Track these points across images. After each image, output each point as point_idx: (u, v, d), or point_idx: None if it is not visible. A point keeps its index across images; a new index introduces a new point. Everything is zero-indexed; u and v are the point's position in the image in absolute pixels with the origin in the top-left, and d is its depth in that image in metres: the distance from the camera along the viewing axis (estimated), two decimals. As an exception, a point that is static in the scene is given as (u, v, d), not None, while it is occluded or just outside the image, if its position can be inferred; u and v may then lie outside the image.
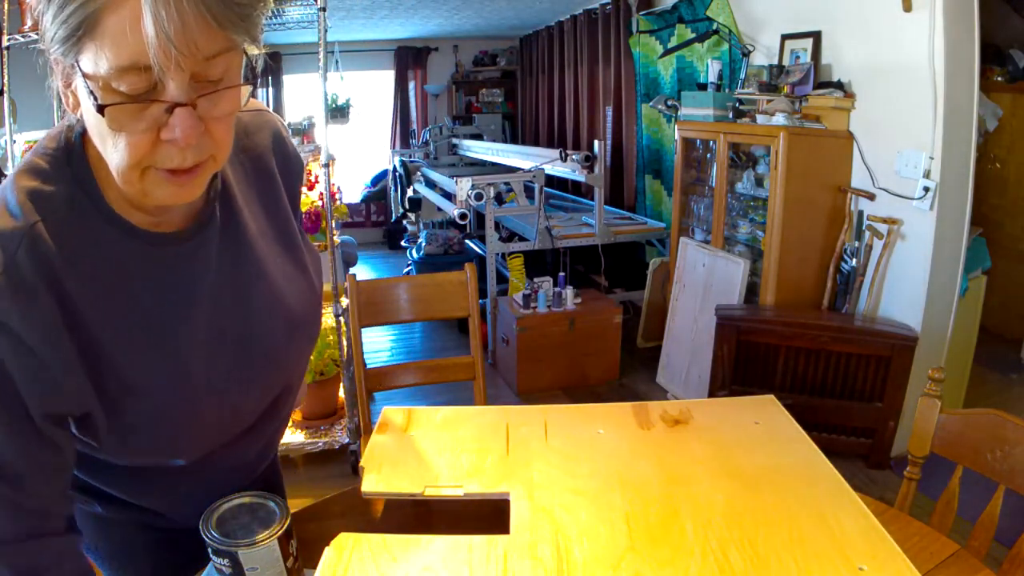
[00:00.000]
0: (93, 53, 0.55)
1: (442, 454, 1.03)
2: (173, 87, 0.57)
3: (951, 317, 2.55)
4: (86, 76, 0.56)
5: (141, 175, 0.62)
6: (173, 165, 0.61)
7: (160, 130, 0.59)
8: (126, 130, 0.58)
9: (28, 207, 0.63)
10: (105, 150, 0.61)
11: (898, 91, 2.44)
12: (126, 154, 0.60)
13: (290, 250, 0.87)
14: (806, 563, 0.78)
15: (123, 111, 0.57)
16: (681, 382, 3.21)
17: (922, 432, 1.28)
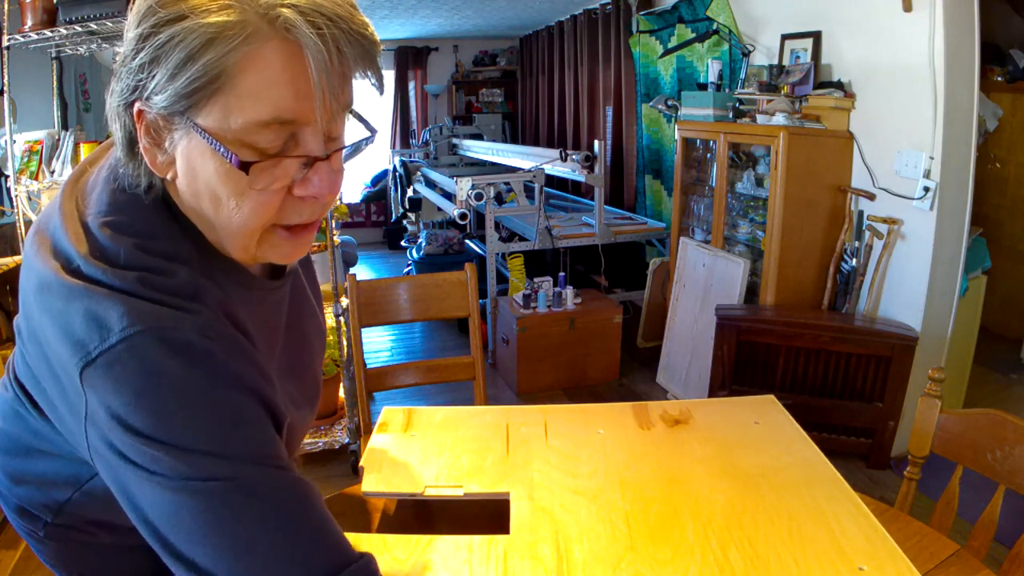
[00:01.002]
0: (222, 108, 0.51)
1: (442, 454, 1.03)
2: (311, 141, 0.54)
3: (951, 317, 2.55)
4: (208, 132, 0.52)
5: (259, 238, 0.59)
6: (301, 220, 0.59)
7: (292, 187, 0.56)
8: (263, 190, 0.54)
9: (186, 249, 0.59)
10: (224, 217, 0.56)
11: (898, 91, 2.44)
12: (255, 214, 0.56)
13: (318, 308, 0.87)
14: (806, 563, 0.78)
15: (263, 169, 0.53)
16: (681, 382, 3.21)
17: (922, 432, 1.28)
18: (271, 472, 0.56)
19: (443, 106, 7.13)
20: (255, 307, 0.66)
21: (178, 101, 0.52)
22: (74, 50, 2.62)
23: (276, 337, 0.72)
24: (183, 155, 0.55)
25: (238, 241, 0.59)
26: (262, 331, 0.67)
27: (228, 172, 0.53)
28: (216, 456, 0.53)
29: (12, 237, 2.73)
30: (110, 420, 0.52)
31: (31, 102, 2.82)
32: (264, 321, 0.68)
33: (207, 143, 0.52)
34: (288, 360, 0.75)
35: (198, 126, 0.52)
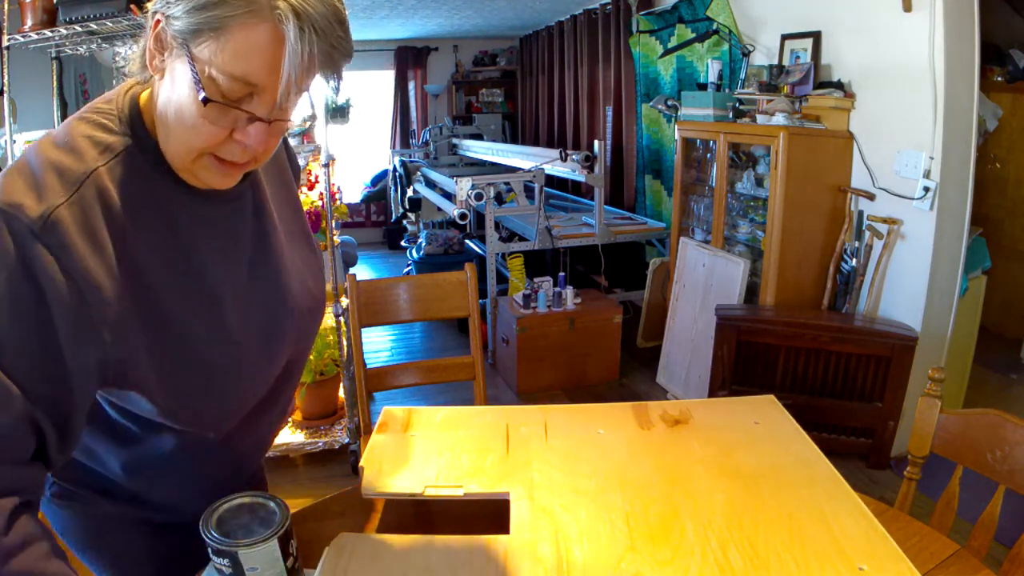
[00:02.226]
0: (211, 50, 0.63)
1: (442, 454, 1.03)
2: (261, 106, 0.66)
3: (951, 317, 2.55)
4: (194, 60, 0.64)
5: (197, 157, 0.70)
6: (231, 158, 0.70)
7: (233, 130, 0.68)
8: (211, 120, 0.66)
9: (91, 152, 0.68)
10: (179, 127, 0.68)
11: (898, 91, 2.44)
12: (200, 140, 0.67)
13: (305, 236, 0.95)
14: (806, 563, 0.78)
15: (218, 108, 0.65)
16: (681, 382, 3.21)
17: (922, 432, 1.28)
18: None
19: (443, 106, 7.13)
20: (196, 218, 0.76)
21: (185, 30, 0.63)
22: (74, 50, 2.62)
23: (226, 255, 0.79)
24: (171, 69, 0.67)
25: (181, 153, 0.70)
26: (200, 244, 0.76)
27: (194, 99, 0.64)
28: None
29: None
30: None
31: (31, 102, 2.82)
32: (206, 234, 0.77)
33: (190, 70, 0.64)
34: (252, 287, 0.82)
35: (191, 54, 0.64)
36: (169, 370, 0.73)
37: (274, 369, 0.87)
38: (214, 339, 0.77)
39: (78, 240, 0.64)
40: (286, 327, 0.86)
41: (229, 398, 0.80)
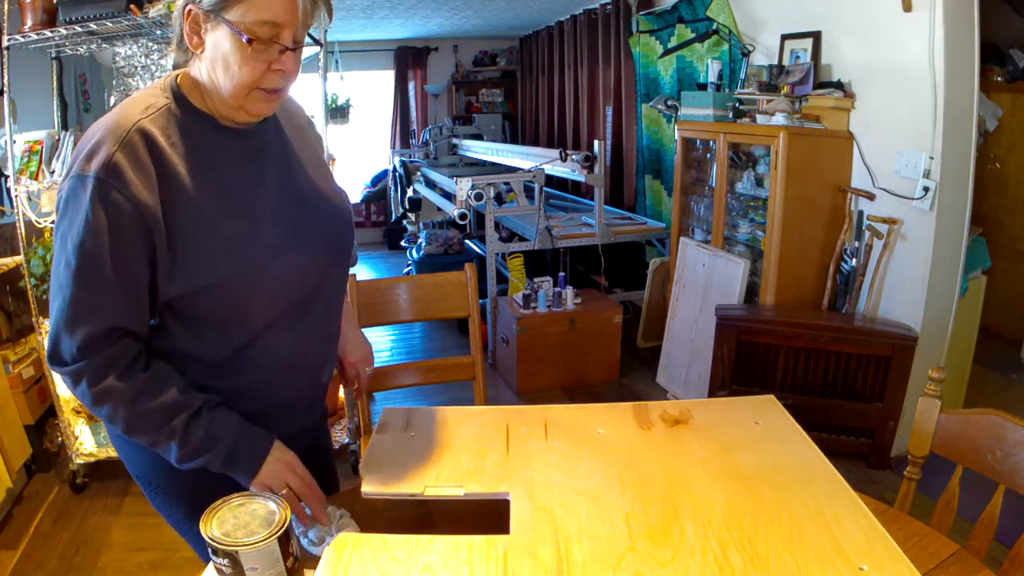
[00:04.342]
0: (241, 11, 0.88)
1: (442, 454, 1.03)
2: (288, 38, 0.91)
3: (951, 317, 2.55)
4: (231, 23, 0.88)
5: (248, 93, 0.93)
6: (272, 86, 0.94)
7: (271, 64, 0.91)
8: (255, 59, 0.90)
9: (136, 111, 0.92)
10: (228, 75, 0.91)
11: (898, 91, 2.44)
12: (249, 76, 0.91)
13: (327, 176, 1.14)
14: (806, 563, 0.78)
15: (259, 47, 0.89)
16: (681, 382, 3.21)
17: (922, 432, 1.28)
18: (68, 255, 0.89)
19: (443, 106, 7.13)
20: (227, 149, 0.98)
21: (216, 5, 0.88)
22: (74, 50, 2.62)
23: (254, 177, 1.01)
24: (211, 38, 0.91)
25: (234, 93, 0.93)
26: (233, 159, 0.99)
27: (240, 47, 0.89)
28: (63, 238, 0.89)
29: (12, 237, 2.73)
30: None
31: (31, 102, 2.82)
32: (241, 154, 1.00)
33: (230, 29, 0.88)
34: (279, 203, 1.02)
35: (226, 19, 0.88)
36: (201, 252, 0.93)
37: (302, 265, 1.02)
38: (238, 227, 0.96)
39: (130, 172, 0.88)
40: (308, 226, 1.04)
41: (254, 273, 0.96)
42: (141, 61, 2.64)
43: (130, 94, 2.64)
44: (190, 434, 0.92)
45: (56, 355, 0.91)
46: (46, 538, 2.30)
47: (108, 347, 0.91)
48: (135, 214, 0.88)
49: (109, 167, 0.86)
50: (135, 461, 1.10)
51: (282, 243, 1.00)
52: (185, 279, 0.93)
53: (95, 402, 0.91)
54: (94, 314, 0.89)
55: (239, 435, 0.95)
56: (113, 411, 0.92)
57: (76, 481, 2.56)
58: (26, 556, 2.20)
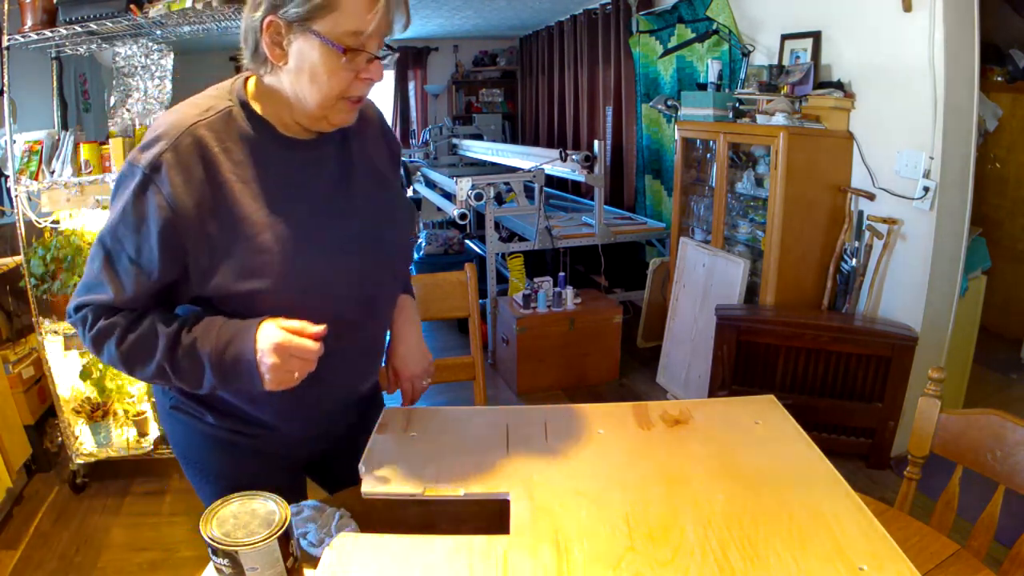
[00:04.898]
0: (330, 21, 0.88)
1: (442, 454, 1.03)
2: (376, 47, 0.93)
3: (951, 317, 2.55)
4: (319, 35, 0.89)
5: (334, 103, 0.94)
6: (360, 94, 0.96)
7: (359, 73, 0.93)
8: (345, 69, 0.91)
9: (192, 113, 0.95)
10: (315, 86, 0.92)
11: (898, 91, 2.44)
12: (338, 86, 0.93)
13: (389, 191, 1.14)
14: (806, 563, 0.78)
15: (350, 56, 0.91)
16: (681, 382, 3.21)
17: (922, 432, 1.28)
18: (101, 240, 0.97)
19: (443, 106, 7.13)
20: (281, 158, 0.99)
21: (303, 16, 0.88)
22: (74, 50, 2.62)
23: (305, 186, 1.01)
24: (295, 49, 0.91)
25: (320, 103, 0.94)
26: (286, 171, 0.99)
27: (330, 57, 0.90)
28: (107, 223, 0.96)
29: (12, 237, 2.73)
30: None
31: (31, 102, 2.82)
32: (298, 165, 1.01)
33: (320, 40, 0.89)
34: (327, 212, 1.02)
35: (314, 31, 0.89)
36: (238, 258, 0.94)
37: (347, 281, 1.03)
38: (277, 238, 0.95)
39: (173, 174, 0.91)
40: (356, 242, 1.04)
41: (292, 285, 0.97)
42: (141, 61, 2.64)
43: (130, 94, 2.65)
44: (177, 364, 0.95)
45: (68, 309, 1.00)
46: (46, 538, 2.30)
47: (105, 315, 0.97)
48: (168, 215, 0.91)
49: (155, 165, 0.91)
50: (175, 437, 1.16)
51: (328, 259, 1.00)
52: (220, 283, 0.94)
53: (94, 346, 0.98)
54: (103, 290, 0.96)
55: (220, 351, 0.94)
56: (108, 354, 0.97)
57: (76, 481, 2.56)
58: (26, 556, 2.20)
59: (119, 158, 2.39)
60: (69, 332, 2.42)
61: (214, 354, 0.94)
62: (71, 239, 2.44)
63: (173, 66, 2.66)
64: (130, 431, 2.66)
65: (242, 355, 0.92)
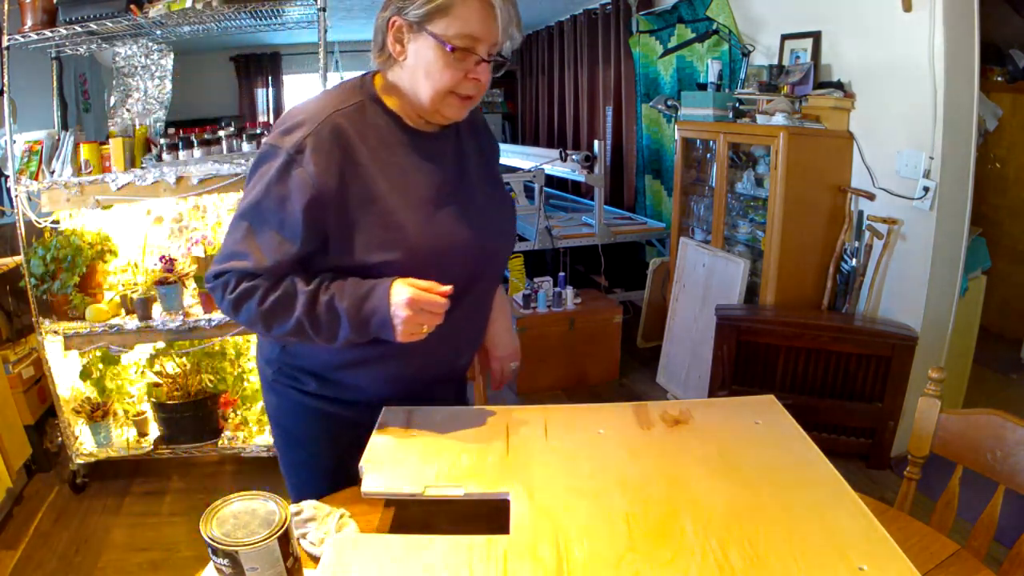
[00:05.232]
0: (444, 23, 1.01)
1: (442, 454, 1.03)
2: (484, 51, 1.04)
3: (951, 317, 2.55)
4: (434, 35, 1.01)
5: (444, 97, 1.06)
6: (466, 93, 1.07)
7: (468, 73, 1.04)
8: (454, 67, 1.03)
9: (332, 104, 1.07)
10: (428, 80, 1.04)
11: (898, 91, 2.44)
12: (447, 81, 1.04)
13: (496, 184, 1.28)
14: (806, 563, 0.78)
15: (459, 55, 1.02)
16: (681, 382, 3.21)
17: (922, 432, 1.28)
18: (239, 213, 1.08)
19: (443, 106, 7.12)
20: (409, 146, 1.11)
21: (422, 17, 1.01)
22: (74, 50, 2.62)
23: (440, 171, 1.13)
24: (413, 47, 1.04)
25: (434, 97, 1.06)
26: (413, 157, 1.11)
27: (442, 55, 1.02)
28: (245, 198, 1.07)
29: (12, 237, 2.73)
30: None
31: (31, 102, 2.82)
32: (422, 153, 1.12)
33: (434, 40, 1.01)
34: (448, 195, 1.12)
35: (429, 31, 1.01)
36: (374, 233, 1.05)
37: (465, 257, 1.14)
38: (408, 215, 1.07)
39: (313, 155, 1.02)
40: (474, 224, 1.14)
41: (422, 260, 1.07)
42: (141, 61, 2.64)
43: (130, 94, 2.65)
44: (316, 319, 1.04)
45: (207, 275, 1.09)
46: (46, 538, 2.30)
47: (246, 279, 1.06)
48: (312, 192, 1.02)
49: (299, 147, 1.02)
50: (274, 408, 1.26)
51: (449, 236, 1.11)
52: (358, 255, 1.06)
53: (233, 308, 1.07)
54: (245, 258, 1.05)
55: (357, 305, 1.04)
56: (248, 314, 1.06)
57: (76, 481, 2.56)
58: (26, 556, 2.20)
59: (119, 158, 2.40)
60: (69, 332, 2.42)
61: (351, 308, 1.03)
62: (71, 239, 2.44)
63: (173, 66, 2.66)
64: (130, 431, 2.66)
65: (378, 309, 1.03)
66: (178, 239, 2.73)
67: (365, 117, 1.08)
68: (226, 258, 1.07)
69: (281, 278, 1.06)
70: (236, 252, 1.06)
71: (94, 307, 2.42)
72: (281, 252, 1.05)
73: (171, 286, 2.46)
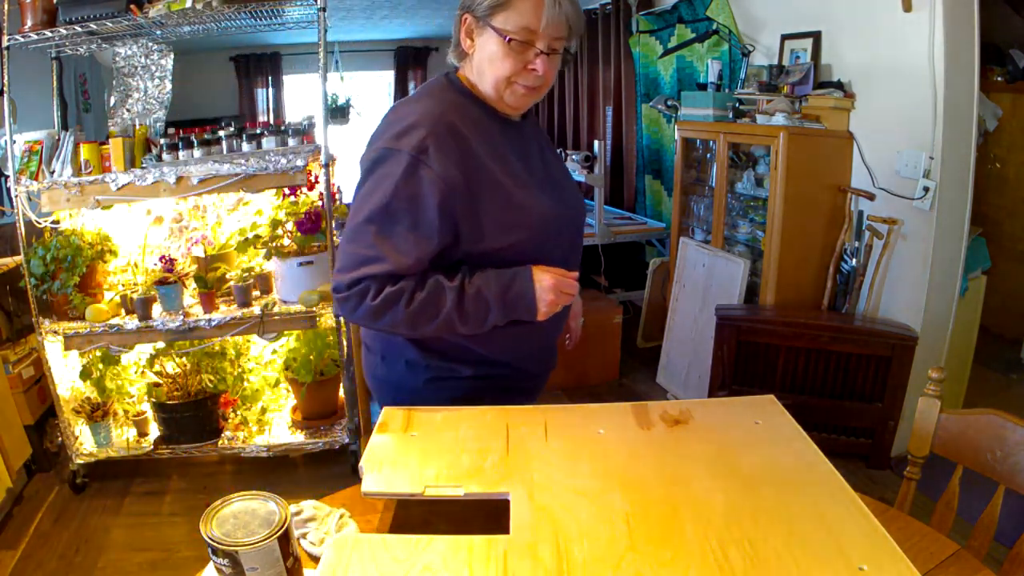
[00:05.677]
0: (503, 17, 1.11)
1: (442, 454, 1.03)
2: (542, 44, 1.13)
3: (951, 317, 2.55)
4: (495, 28, 1.12)
5: (507, 85, 1.16)
6: (528, 83, 1.17)
7: (527, 64, 1.14)
8: (512, 57, 1.13)
9: (440, 106, 1.15)
10: (492, 68, 1.15)
11: (898, 91, 2.44)
12: (507, 70, 1.14)
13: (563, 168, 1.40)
14: (806, 563, 0.78)
15: (518, 45, 1.12)
16: (681, 382, 3.21)
17: (922, 432, 1.28)
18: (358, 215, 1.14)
19: (443, 106, 7.12)
20: (503, 133, 1.21)
21: (486, 12, 1.12)
22: (74, 50, 2.62)
23: (529, 155, 1.25)
24: (480, 40, 1.16)
25: (496, 84, 1.16)
26: (510, 143, 1.21)
27: (502, 46, 1.13)
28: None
29: (12, 237, 2.73)
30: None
31: (31, 102, 2.82)
32: (514, 139, 1.23)
33: (495, 32, 1.12)
34: (541, 177, 1.25)
35: (492, 25, 1.12)
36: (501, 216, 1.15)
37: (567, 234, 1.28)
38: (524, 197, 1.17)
39: (437, 154, 1.09)
40: (565, 205, 1.27)
41: (539, 238, 1.19)
42: (141, 61, 2.64)
43: (130, 94, 2.65)
44: (464, 311, 1.13)
45: (339, 285, 1.12)
46: (46, 538, 2.30)
47: (389, 282, 1.10)
48: (442, 186, 1.08)
49: (421, 147, 1.08)
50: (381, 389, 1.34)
51: (555, 213, 1.22)
52: (488, 240, 1.15)
53: (375, 314, 1.11)
54: (381, 261, 1.09)
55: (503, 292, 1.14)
56: (393, 317, 1.11)
57: (76, 481, 2.56)
58: (26, 556, 2.20)
59: (119, 158, 2.40)
60: (69, 332, 2.42)
61: (498, 296, 1.14)
62: (71, 239, 2.44)
63: (173, 66, 2.66)
64: (130, 431, 2.66)
65: (524, 293, 1.15)
66: (178, 239, 2.73)
67: (467, 112, 1.16)
68: (356, 264, 1.10)
69: (423, 276, 1.12)
70: (368, 257, 1.09)
71: (94, 307, 2.42)
72: (420, 250, 1.10)
73: (171, 286, 2.46)
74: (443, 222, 1.10)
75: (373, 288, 1.09)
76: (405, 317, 1.10)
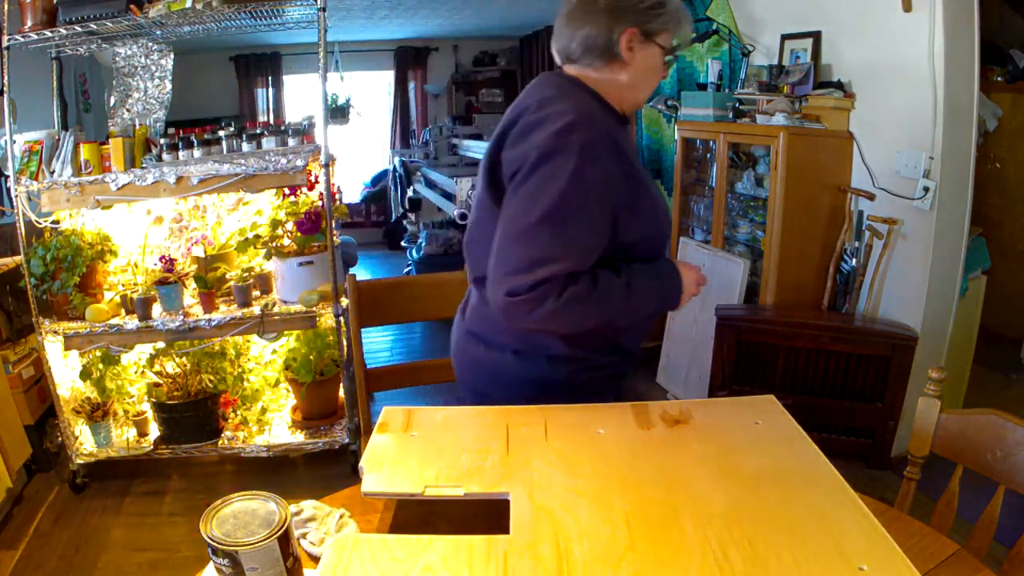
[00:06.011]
0: (667, 36, 1.19)
1: (442, 454, 1.03)
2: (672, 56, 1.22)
3: (951, 317, 2.55)
4: (660, 45, 1.19)
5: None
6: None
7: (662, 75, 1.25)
8: (663, 71, 1.23)
9: (585, 105, 1.16)
10: (649, 79, 1.23)
11: (898, 91, 2.44)
12: (657, 81, 1.25)
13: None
14: (806, 563, 0.78)
15: (669, 61, 1.23)
16: (681, 382, 3.21)
17: (922, 432, 1.28)
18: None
19: (443, 106, 7.12)
20: (625, 134, 1.25)
21: (655, 30, 1.18)
22: (74, 50, 2.62)
23: (636, 154, 1.25)
24: (641, 54, 1.19)
25: (648, 96, 1.28)
26: (628, 142, 1.24)
27: (661, 61, 1.21)
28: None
29: (12, 237, 2.73)
30: None
31: (31, 102, 2.82)
32: (631, 142, 1.28)
33: (660, 49, 1.20)
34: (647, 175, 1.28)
35: (656, 42, 1.19)
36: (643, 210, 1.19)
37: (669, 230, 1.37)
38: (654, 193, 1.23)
39: (600, 150, 1.11)
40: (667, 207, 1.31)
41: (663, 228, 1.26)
42: (141, 61, 2.64)
43: (130, 94, 2.66)
44: (630, 305, 1.17)
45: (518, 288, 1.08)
46: (46, 538, 2.30)
47: (572, 282, 1.10)
48: (606, 183, 1.11)
49: (586, 144, 1.09)
50: (470, 371, 1.35)
51: (666, 208, 1.29)
52: (635, 231, 1.18)
53: (556, 315, 1.10)
54: (561, 261, 1.09)
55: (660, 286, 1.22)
56: (571, 316, 1.12)
57: (76, 481, 2.56)
58: (26, 556, 2.20)
59: (119, 158, 2.40)
60: (69, 332, 2.42)
61: (656, 290, 1.22)
62: (71, 239, 2.44)
63: (173, 66, 2.66)
64: (130, 431, 2.66)
65: (676, 287, 1.24)
66: (178, 239, 2.73)
67: (603, 113, 1.20)
68: (535, 265, 1.08)
69: (593, 274, 1.14)
70: (546, 257, 1.08)
71: (94, 307, 2.43)
72: (593, 247, 1.13)
73: (171, 286, 2.46)
74: (609, 217, 1.13)
75: (556, 288, 1.08)
76: (582, 315, 1.12)
